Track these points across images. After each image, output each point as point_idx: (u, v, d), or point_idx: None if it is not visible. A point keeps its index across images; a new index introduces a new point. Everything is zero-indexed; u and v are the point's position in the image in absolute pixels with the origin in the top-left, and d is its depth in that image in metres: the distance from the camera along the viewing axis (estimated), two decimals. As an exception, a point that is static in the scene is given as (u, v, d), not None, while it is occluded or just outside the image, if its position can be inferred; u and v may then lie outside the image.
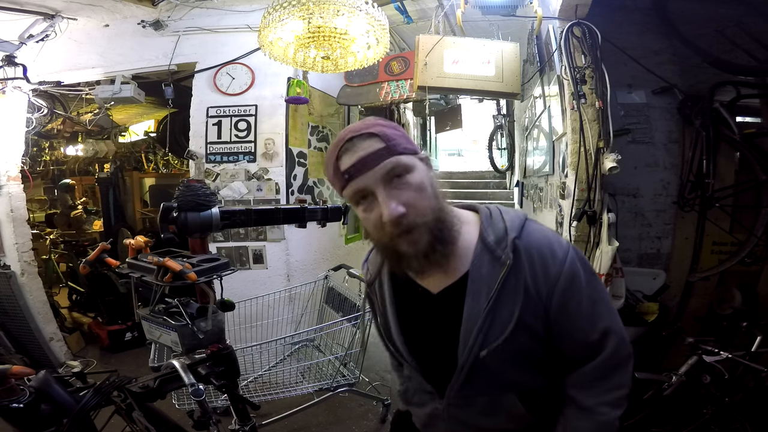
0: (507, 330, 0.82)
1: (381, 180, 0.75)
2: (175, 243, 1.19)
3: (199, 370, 1.11)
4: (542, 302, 0.83)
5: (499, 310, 0.82)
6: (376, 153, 0.75)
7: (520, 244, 0.83)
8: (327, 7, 1.86)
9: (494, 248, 0.83)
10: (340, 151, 0.78)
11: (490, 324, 0.82)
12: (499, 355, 0.83)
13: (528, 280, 0.82)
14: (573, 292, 0.83)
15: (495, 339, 0.83)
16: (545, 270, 0.82)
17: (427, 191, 0.79)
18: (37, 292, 3.23)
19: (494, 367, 0.85)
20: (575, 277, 0.83)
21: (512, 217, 0.87)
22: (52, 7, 2.83)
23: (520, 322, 0.82)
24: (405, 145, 0.79)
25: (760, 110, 2.49)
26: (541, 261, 0.83)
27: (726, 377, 1.86)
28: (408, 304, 0.93)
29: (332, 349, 2.63)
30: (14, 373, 0.89)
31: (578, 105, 2.09)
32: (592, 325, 0.84)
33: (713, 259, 2.46)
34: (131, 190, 5.48)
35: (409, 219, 0.76)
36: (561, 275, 0.82)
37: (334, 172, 0.80)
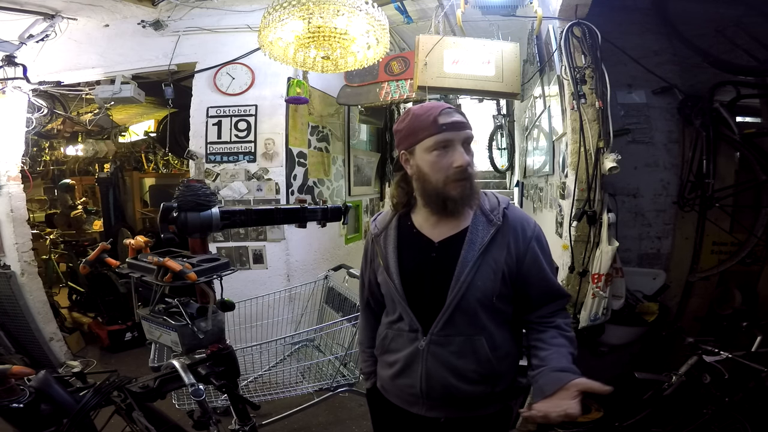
0: (491, 273, 1.08)
1: (462, 140, 1.08)
2: (175, 243, 1.19)
3: (199, 370, 1.11)
4: (518, 257, 1.11)
5: (487, 258, 1.09)
6: (465, 123, 1.09)
7: (508, 212, 1.13)
8: (327, 7, 1.86)
9: (488, 213, 1.12)
10: (442, 111, 1.07)
11: (478, 268, 1.08)
12: (476, 299, 1.07)
13: (510, 238, 1.11)
14: (541, 250, 1.14)
15: (480, 280, 1.07)
16: (522, 233, 1.12)
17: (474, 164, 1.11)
18: (37, 292, 3.23)
19: (473, 309, 1.08)
20: (540, 240, 1.15)
21: (503, 197, 1.19)
22: (52, 7, 2.83)
23: (498, 267, 1.08)
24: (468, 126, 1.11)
25: (760, 110, 2.49)
26: (520, 226, 1.13)
27: (726, 377, 1.86)
28: (410, 251, 1.16)
29: (332, 349, 2.63)
30: (14, 373, 0.89)
31: (578, 105, 2.09)
32: (553, 275, 1.16)
33: (713, 259, 2.46)
34: (131, 190, 5.48)
35: (469, 171, 1.08)
36: (533, 238, 1.13)
37: (431, 123, 1.06)
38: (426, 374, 1.11)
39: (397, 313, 1.16)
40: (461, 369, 1.09)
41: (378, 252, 1.21)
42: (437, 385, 1.11)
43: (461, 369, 1.09)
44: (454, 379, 1.10)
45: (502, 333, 1.12)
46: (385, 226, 1.21)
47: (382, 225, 1.23)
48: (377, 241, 1.22)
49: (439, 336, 1.09)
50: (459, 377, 1.10)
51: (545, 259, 1.14)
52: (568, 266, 2.17)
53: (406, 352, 1.14)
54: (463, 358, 1.09)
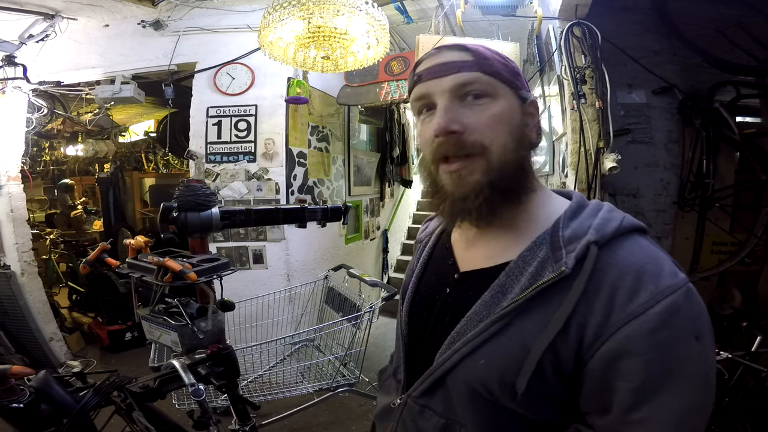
0: (509, 357, 0.59)
1: (448, 91, 0.63)
2: (175, 243, 1.19)
3: (199, 370, 1.11)
4: (581, 345, 0.56)
5: (514, 326, 0.59)
6: (457, 63, 0.63)
7: (597, 254, 0.57)
8: (327, 7, 1.86)
9: (560, 246, 0.60)
10: (424, 56, 0.68)
11: (491, 337, 0.61)
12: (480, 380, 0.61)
13: (579, 307, 0.55)
14: (645, 347, 0.52)
15: (485, 358, 0.61)
16: (615, 300, 0.54)
17: (505, 126, 0.63)
18: (37, 292, 3.23)
19: (462, 393, 0.64)
20: (662, 329, 0.52)
21: (614, 217, 0.61)
22: (52, 7, 2.83)
23: (531, 356, 0.57)
24: (499, 69, 0.64)
25: (760, 110, 2.49)
26: (615, 287, 0.55)
27: (726, 377, 1.86)
28: (434, 274, 0.77)
29: (332, 349, 2.63)
30: (14, 373, 0.89)
31: (578, 105, 2.09)
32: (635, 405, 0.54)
33: (713, 259, 2.47)
34: (131, 190, 5.48)
35: (463, 143, 0.61)
36: (638, 316, 0.53)
37: (409, 76, 0.70)
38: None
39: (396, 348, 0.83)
40: None
41: (411, 263, 0.85)
42: None
43: None
44: None
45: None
46: (432, 231, 0.85)
47: (430, 228, 0.86)
48: (417, 248, 0.86)
49: (416, 402, 0.71)
50: None
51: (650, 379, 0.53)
52: (568, 266, 2.16)
53: (385, 402, 0.80)
54: None
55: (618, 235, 0.60)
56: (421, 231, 0.91)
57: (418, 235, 0.90)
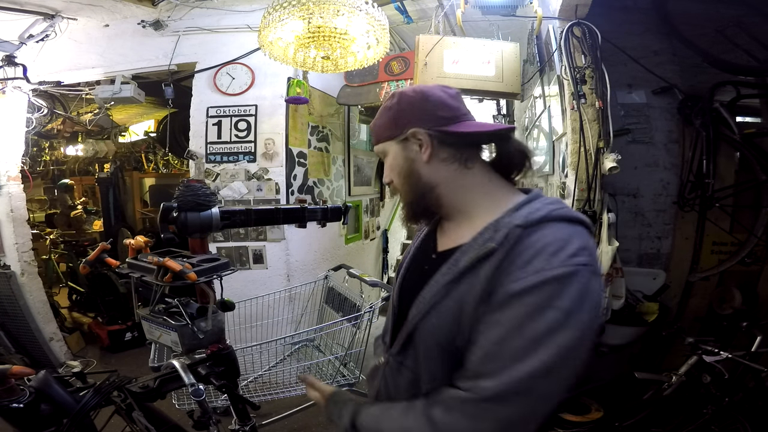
0: (451, 316, 0.73)
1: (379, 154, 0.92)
2: (175, 243, 1.19)
3: (199, 370, 1.11)
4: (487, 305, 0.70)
5: (455, 291, 0.74)
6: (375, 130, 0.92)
7: (520, 233, 0.70)
8: (327, 7, 1.86)
9: (499, 229, 0.73)
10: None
11: (440, 299, 0.75)
12: (432, 336, 0.76)
13: (496, 271, 0.69)
14: (511, 305, 0.66)
15: (434, 319, 0.76)
16: (517, 267, 0.67)
17: (395, 171, 0.88)
18: (37, 292, 3.23)
19: (422, 348, 0.79)
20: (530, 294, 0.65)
21: (539, 207, 0.74)
22: (52, 7, 2.83)
23: (464, 313, 0.71)
24: (381, 135, 0.89)
25: (760, 110, 2.49)
26: (523, 257, 0.68)
27: (726, 377, 1.86)
28: (421, 254, 0.94)
29: (332, 349, 2.63)
30: (14, 373, 0.89)
31: (578, 105, 2.09)
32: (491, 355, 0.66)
33: (713, 259, 2.46)
34: (131, 190, 5.49)
35: (393, 187, 0.90)
36: (521, 280, 0.66)
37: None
38: (377, 394, 0.91)
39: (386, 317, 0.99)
40: None
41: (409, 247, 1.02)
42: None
43: None
44: None
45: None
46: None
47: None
48: (416, 236, 1.01)
49: (394, 359, 0.86)
50: None
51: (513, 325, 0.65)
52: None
53: (375, 361, 0.96)
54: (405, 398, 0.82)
55: (544, 221, 0.71)
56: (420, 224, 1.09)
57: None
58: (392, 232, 5.18)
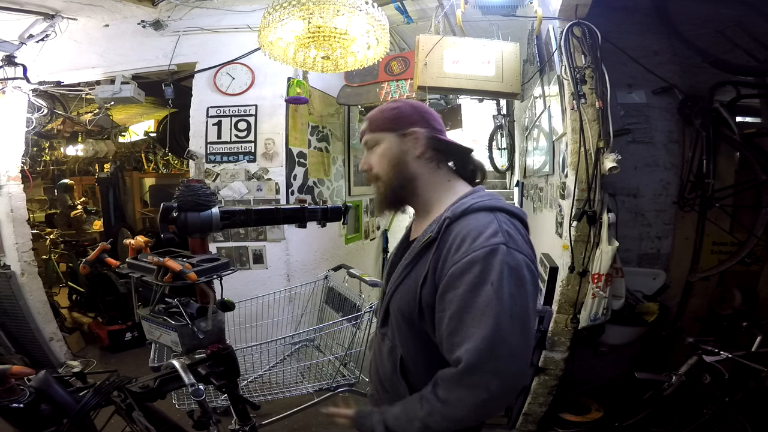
0: (408, 292, 0.95)
1: (363, 145, 1.08)
2: (175, 243, 1.19)
3: (199, 370, 1.11)
4: (436, 284, 0.89)
5: (411, 272, 0.96)
6: (363, 131, 1.08)
7: (452, 225, 0.91)
8: (327, 7, 1.86)
9: (439, 221, 0.93)
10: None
11: (403, 279, 0.97)
12: (398, 309, 0.98)
13: (435, 257, 0.90)
14: (456, 286, 0.83)
15: (398, 294, 0.98)
16: (449, 253, 0.87)
17: (386, 159, 1.02)
18: (37, 292, 3.23)
19: (396, 318, 1.00)
20: (467, 272, 0.82)
21: (467, 203, 0.93)
22: (52, 7, 2.83)
23: (416, 291, 0.92)
24: (379, 126, 1.04)
25: (760, 110, 2.49)
26: (450, 244, 0.88)
27: (726, 377, 1.86)
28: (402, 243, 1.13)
29: (332, 349, 2.63)
30: (14, 373, 0.89)
31: (578, 105, 2.09)
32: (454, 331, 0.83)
33: (713, 259, 2.47)
34: (131, 190, 5.48)
35: (370, 175, 1.05)
36: (457, 263, 0.84)
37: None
38: (373, 359, 1.15)
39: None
40: (384, 375, 1.06)
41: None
42: (375, 377, 1.12)
43: (384, 375, 1.06)
44: (379, 383, 1.09)
45: (429, 356, 0.94)
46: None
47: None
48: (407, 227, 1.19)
49: (379, 331, 1.09)
50: (382, 383, 1.07)
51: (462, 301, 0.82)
52: (568, 266, 2.17)
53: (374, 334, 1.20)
54: (386, 366, 1.04)
55: (466, 213, 0.91)
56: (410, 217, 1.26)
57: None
58: (392, 232, 5.18)
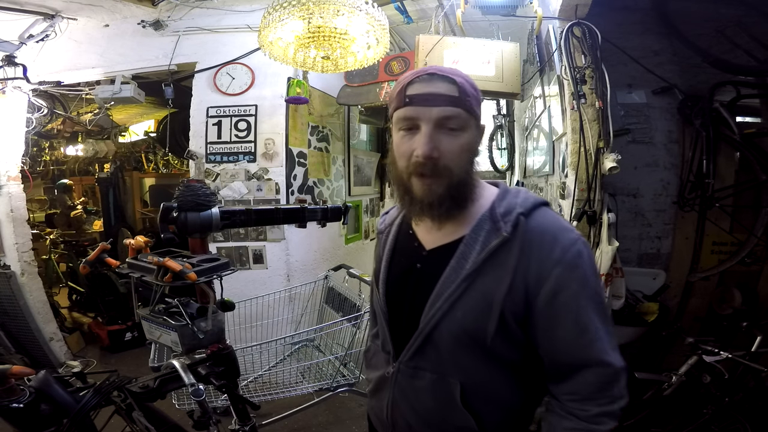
0: (475, 308, 0.79)
1: (434, 120, 0.78)
2: (175, 243, 1.19)
3: (199, 370, 1.11)
4: (529, 292, 0.77)
5: (477, 282, 0.79)
6: (446, 97, 0.79)
7: (525, 221, 0.80)
8: (327, 7, 1.86)
9: (498, 219, 0.81)
10: (415, 78, 0.81)
11: (462, 293, 0.80)
12: (459, 332, 0.80)
13: (521, 261, 0.77)
14: (570, 282, 0.76)
15: (457, 314, 0.80)
16: (542, 253, 0.77)
17: (467, 154, 0.83)
18: (37, 292, 3.23)
19: (449, 344, 0.82)
20: (577, 268, 0.76)
21: (529, 197, 0.85)
22: (52, 7, 2.83)
23: (494, 303, 0.77)
24: (473, 106, 0.82)
25: (760, 110, 2.49)
26: (540, 243, 0.77)
27: (726, 377, 1.86)
28: (401, 256, 0.94)
29: (332, 349, 2.63)
30: (14, 373, 0.89)
31: (578, 105, 2.09)
32: (584, 330, 0.76)
33: (713, 259, 2.47)
34: (131, 190, 5.48)
35: (437, 166, 0.79)
36: (560, 261, 0.76)
37: (398, 93, 0.82)
38: (392, 404, 0.91)
39: (378, 327, 0.99)
40: (427, 413, 0.87)
41: (378, 251, 1.03)
42: (402, 421, 0.91)
43: (427, 413, 0.87)
44: (419, 424, 0.88)
45: (499, 381, 0.83)
46: (391, 222, 1.01)
47: (389, 220, 1.03)
48: (380, 239, 1.03)
49: (407, 366, 0.88)
50: (424, 423, 0.88)
51: (582, 302, 0.76)
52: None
53: (379, 373, 0.96)
54: (431, 401, 0.85)
55: (534, 207, 0.82)
56: (380, 223, 1.07)
57: (378, 227, 1.07)
58: (392, 232, 5.17)
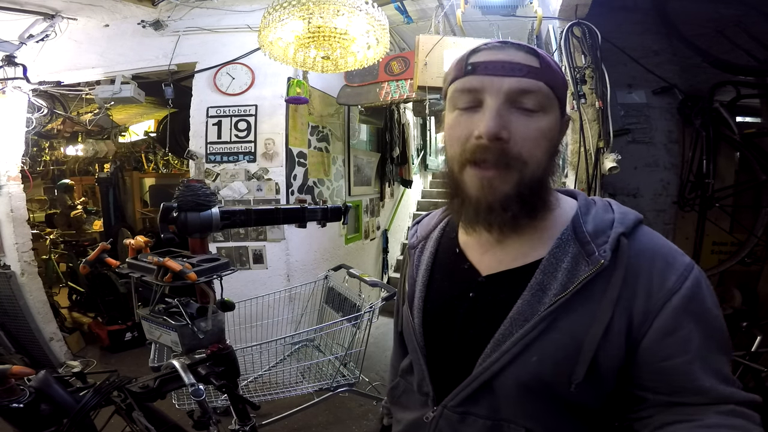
0: (555, 354, 0.61)
1: (506, 93, 0.60)
2: (175, 243, 1.19)
3: (199, 370, 1.11)
4: (630, 330, 0.60)
5: (562, 321, 0.61)
6: (523, 66, 0.60)
7: (628, 244, 0.61)
8: (327, 7, 1.86)
9: (588, 241, 0.62)
10: (483, 46, 0.63)
11: (540, 334, 0.61)
12: (531, 379, 0.62)
13: (622, 293, 0.59)
14: (689, 318, 0.58)
15: (540, 355, 0.61)
16: (653, 283, 0.59)
17: (547, 143, 0.62)
18: (37, 292, 3.23)
19: (513, 393, 0.64)
20: (692, 301, 0.58)
21: (628, 211, 0.66)
22: (52, 7, 2.83)
23: (585, 347, 0.59)
24: (559, 84, 0.63)
25: (760, 110, 2.49)
26: (650, 271, 0.60)
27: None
28: (445, 280, 0.74)
29: (332, 349, 2.63)
30: (14, 373, 0.89)
31: (578, 105, 2.09)
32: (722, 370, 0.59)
33: (713, 259, 2.47)
34: (131, 190, 5.48)
35: (505, 152, 0.59)
36: (676, 292, 0.58)
37: (457, 63, 0.65)
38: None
39: (411, 360, 0.79)
40: None
41: (409, 270, 0.82)
42: None
43: None
44: None
45: (571, 428, 0.66)
46: (427, 235, 0.81)
47: (423, 232, 0.83)
48: (411, 255, 0.83)
49: (454, 411, 0.69)
50: None
51: (702, 342, 0.58)
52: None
53: (411, 417, 0.77)
54: None
55: (637, 226, 0.64)
56: (411, 236, 0.87)
57: (409, 240, 0.87)
58: (392, 232, 5.18)
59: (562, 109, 0.65)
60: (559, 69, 0.65)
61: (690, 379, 0.58)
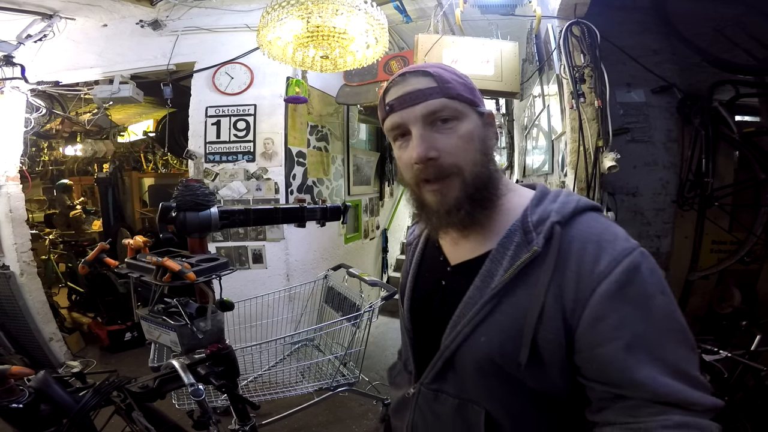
0: (501, 333, 0.67)
1: (420, 119, 0.69)
2: (174, 243, 1.19)
3: (198, 370, 1.11)
4: (565, 317, 0.63)
5: (504, 304, 0.67)
6: (424, 91, 0.69)
7: (562, 231, 0.66)
8: (326, 7, 1.86)
9: (530, 230, 0.68)
10: (390, 83, 0.74)
11: (486, 316, 0.68)
12: (482, 358, 0.69)
13: (554, 278, 0.64)
14: (620, 304, 0.60)
15: (480, 338, 0.69)
16: (582, 268, 0.62)
17: (473, 144, 0.70)
18: (37, 293, 3.23)
19: (471, 371, 0.71)
20: (628, 285, 0.60)
21: (569, 200, 0.70)
22: (50, 7, 2.82)
23: (525, 329, 0.65)
24: (460, 91, 0.71)
25: (759, 109, 2.49)
26: (580, 256, 0.63)
27: (725, 376, 1.86)
28: (427, 271, 0.85)
29: (332, 348, 2.63)
30: (14, 374, 0.89)
31: (577, 104, 2.09)
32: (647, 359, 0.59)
33: (712, 257, 2.47)
34: (130, 190, 5.48)
35: (441, 167, 0.69)
36: (609, 276, 0.61)
37: (380, 104, 0.76)
38: (412, 427, 0.83)
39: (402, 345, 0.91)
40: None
41: (405, 265, 0.94)
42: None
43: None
44: None
45: (536, 415, 0.71)
46: (420, 233, 0.92)
47: (418, 230, 0.94)
48: (408, 251, 0.95)
49: (429, 389, 0.78)
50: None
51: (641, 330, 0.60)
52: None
53: (401, 393, 0.88)
54: (453, 428, 0.76)
55: (575, 213, 0.69)
56: (410, 234, 0.98)
57: (407, 238, 0.99)
58: (392, 231, 5.18)
59: (477, 109, 0.73)
60: (457, 77, 0.73)
61: (620, 368, 0.60)
